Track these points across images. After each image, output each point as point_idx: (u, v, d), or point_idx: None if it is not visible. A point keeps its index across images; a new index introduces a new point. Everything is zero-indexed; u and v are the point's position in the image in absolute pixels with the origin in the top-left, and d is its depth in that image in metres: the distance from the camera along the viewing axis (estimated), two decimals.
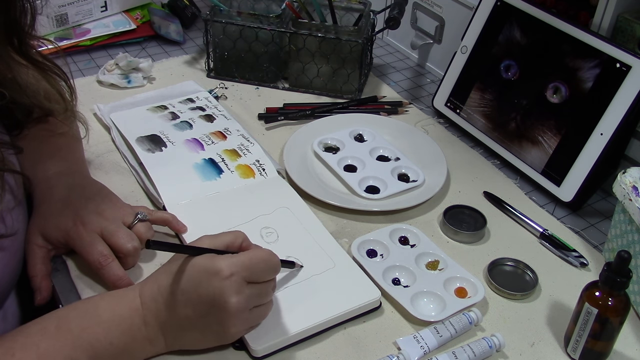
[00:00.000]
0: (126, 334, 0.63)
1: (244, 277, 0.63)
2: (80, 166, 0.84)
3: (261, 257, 0.65)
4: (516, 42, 0.99)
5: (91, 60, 1.20)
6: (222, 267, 0.62)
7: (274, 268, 0.66)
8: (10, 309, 0.75)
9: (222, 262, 0.62)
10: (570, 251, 0.84)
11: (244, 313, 0.64)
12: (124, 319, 0.63)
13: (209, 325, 0.64)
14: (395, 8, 1.10)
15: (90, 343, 0.61)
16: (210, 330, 0.64)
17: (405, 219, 0.89)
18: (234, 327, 0.64)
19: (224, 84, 1.15)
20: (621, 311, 0.66)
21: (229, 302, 0.62)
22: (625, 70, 0.86)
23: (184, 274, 0.63)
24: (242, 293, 0.62)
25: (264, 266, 0.65)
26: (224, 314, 0.62)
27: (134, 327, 0.63)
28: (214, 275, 0.62)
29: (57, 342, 0.60)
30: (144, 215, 0.77)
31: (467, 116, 1.06)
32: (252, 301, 0.64)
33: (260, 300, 0.66)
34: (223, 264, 0.62)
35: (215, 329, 0.64)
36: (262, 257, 0.65)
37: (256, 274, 0.64)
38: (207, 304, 0.62)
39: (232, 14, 1.11)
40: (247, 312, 0.64)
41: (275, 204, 0.87)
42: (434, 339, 0.70)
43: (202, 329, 0.64)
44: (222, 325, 0.63)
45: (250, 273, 0.63)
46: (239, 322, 0.64)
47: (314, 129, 1.03)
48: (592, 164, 0.89)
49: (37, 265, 0.74)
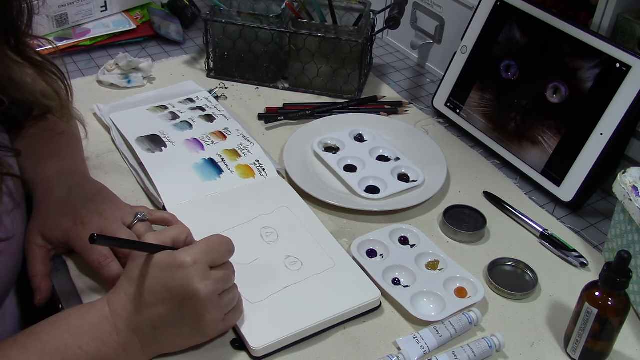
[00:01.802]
0: (97, 340, 0.63)
1: (207, 262, 0.64)
2: (80, 166, 0.84)
3: (216, 241, 0.66)
4: (516, 42, 0.99)
5: (91, 60, 1.20)
6: (184, 257, 0.63)
7: (229, 248, 0.67)
8: (10, 309, 0.75)
9: (182, 253, 0.63)
10: (570, 251, 0.84)
11: (215, 298, 0.64)
12: (92, 325, 0.63)
13: (183, 318, 0.64)
14: (395, 8, 1.10)
15: (58, 349, 0.61)
16: (185, 323, 0.64)
17: (405, 219, 0.89)
18: (209, 314, 0.64)
19: (224, 84, 1.15)
20: (621, 311, 0.66)
21: (198, 288, 0.62)
22: (625, 70, 0.86)
23: (148, 275, 0.63)
24: (209, 278, 0.63)
25: (220, 248, 0.66)
26: (196, 302, 0.63)
27: (104, 334, 0.63)
28: (177, 267, 0.63)
29: (26, 350, 0.60)
30: (144, 215, 0.77)
31: (467, 116, 1.06)
32: (219, 285, 0.65)
33: (226, 284, 0.66)
34: (184, 255, 0.63)
35: (190, 320, 0.64)
36: (217, 240, 0.67)
37: (216, 257, 0.65)
38: (178, 297, 0.63)
39: (232, 14, 1.11)
40: (217, 297, 0.65)
41: (275, 204, 0.87)
42: (434, 339, 0.70)
43: (177, 323, 0.64)
44: (196, 314, 0.64)
45: (211, 258, 0.65)
46: (211, 307, 0.64)
47: (314, 129, 1.03)
48: (592, 164, 0.89)
49: (37, 265, 0.74)
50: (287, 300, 0.73)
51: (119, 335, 0.64)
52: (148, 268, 0.64)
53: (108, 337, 0.63)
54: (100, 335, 0.63)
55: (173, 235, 0.67)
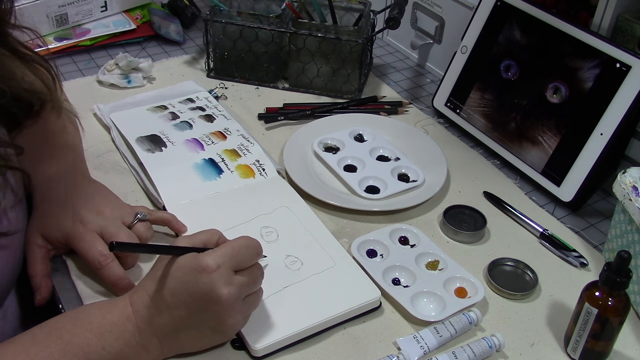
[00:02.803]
0: (119, 340, 0.62)
1: (231, 266, 0.63)
2: (80, 166, 0.84)
3: (242, 244, 0.65)
4: (516, 42, 0.99)
5: (91, 60, 1.20)
6: (208, 261, 0.62)
7: (257, 251, 0.66)
8: (10, 309, 0.75)
9: (206, 257, 0.63)
10: (570, 251, 0.84)
11: (238, 303, 0.64)
12: (116, 325, 0.63)
13: (204, 322, 0.64)
14: (395, 8, 1.10)
15: (81, 348, 0.60)
16: (207, 326, 0.64)
17: (405, 219, 0.89)
18: (231, 319, 0.64)
19: (224, 84, 1.15)
20: (621, 311, 0.66)
21: (221, 294, 0.62)
22: (625, 70, 0.86)
23: (171, 276, 0.63)
24: (233, 283, 0.63)
25: (246, 251, 0.65)
26: (219, 307, 0.62)
27: (126, 334, 0.63)
28: (201, 271, 0.62)
29: (47, 347, 0.60)
30: (144, 215, 0.77)
31: (467, 116, 1.06)
32: (244, 290, 0.64)
33: (251, 288, 0.66)
34: (208, 259, 0.62)
35: (212, 324, 0.64)
36: (243, 243, 0.65)
37: (241, 261, 0.64)
38: (200, 301, 0.62)
39: (232, 14, 1.11)
40: (241, 301, 0.64)
41: (275, 204, 0.87)
42: (434, 339, 0.70)
43: (198, 326, 0.64)
44: (218, 319, 0.63)
45: (236, 262, 0.64)
46: (234, 312, 0.64)
47: (314, 129, 1.03)
48: (592, 164, 0.89)
49: (37, 265, 0.74)
50: (287, 300, 0.73)
51: (140, 335, 0.63)
52: (172, 270, 0.63)
53: (130, 337, 0.63)
54: (122, 335, 0.63)
55: (204, 239, 0.66)
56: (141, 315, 0.64)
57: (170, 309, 0.63)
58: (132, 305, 0.64)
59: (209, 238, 0.67)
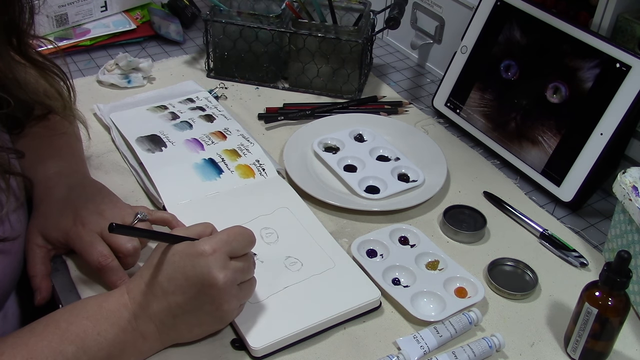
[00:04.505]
0: (115, 326, 0.63)
1: (226, 252, 0.64)
2: (81, 166, 0.84)
3: (237, 232, 0.67)
4: (516, 42, 0.99)
5: (91, 60, 1.20)
6: (204, 246, 0.63)
7: (250, 239, 0.68)
8: (11, 309, 0.75)
9: (202, 243, 0.64)
10: (570, 251, 0.84)
11: (233, 288, 0.65)
12: (112, 312, 0.64)
13: (201, 307, 0.64)
14: (395, 8, 1.10)
15: (77, 334, 0.61)
16: (203, 311, 0.65)
17: (405, 219, 0.89)
18: (226, 303, 0.65)
19: (224, 84, 1.15)
20: (621, 311, 0.66)
21: (217, 277, 0.63)
22: (625, 70, 0.86)
23: (167, 262, 0.64)
24: (228, 268, 0.64)
25: (241, 239, 0.67)
26: (215, 291, 0.63)
27: (122, 320, 0.64)
28: (197, 256, 0.63)
29: (45, 338, 0.61)
30: (144, 215, 0.77)
31: (467, 116, 1.06)
32: (238, 276, 0.65)
33: (245, 275, 0.67)
34: (204, 244, 0.64)
35: (208, 308, 0.65)
36: (238, 231, 0.67)
37: (236, 247, 0.66)
38: (196, 285, 0.63)
39: (232, 14, 1.11)
40: (236, 287, 0.65)
41: (275, 204, 0.87)
42: (434, 339, 0.70)
43: (195, 312, 0.65)
44: (215, 303, 0.64)
45: (231, 248, 0.65)
46: (229, 297, 0.65)
47: (314, 129, 1.03)
48: (592, 164, 0.89)
49: (37, 265, 0.74)
50: (287, 300, 0.73)
51: (137, 322, 0.64)
52: (168, 256, 0.64)
53: (126, 324, 0.64)
54: (118, 321, 0.63)
55: (199, 230, 0.68)
56: (138, 301, 0.64)
57: (167, 295, 0.64)
58: (128, 293, 0.65)
59: (203, 230, 0.68)
